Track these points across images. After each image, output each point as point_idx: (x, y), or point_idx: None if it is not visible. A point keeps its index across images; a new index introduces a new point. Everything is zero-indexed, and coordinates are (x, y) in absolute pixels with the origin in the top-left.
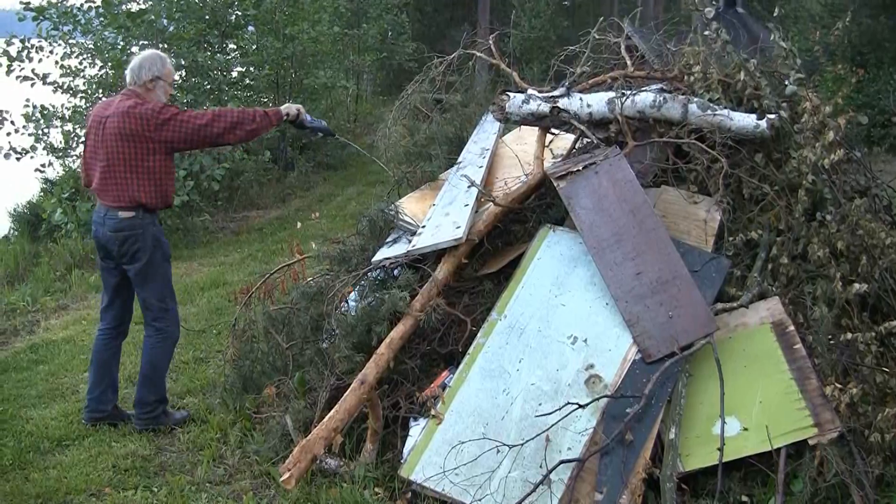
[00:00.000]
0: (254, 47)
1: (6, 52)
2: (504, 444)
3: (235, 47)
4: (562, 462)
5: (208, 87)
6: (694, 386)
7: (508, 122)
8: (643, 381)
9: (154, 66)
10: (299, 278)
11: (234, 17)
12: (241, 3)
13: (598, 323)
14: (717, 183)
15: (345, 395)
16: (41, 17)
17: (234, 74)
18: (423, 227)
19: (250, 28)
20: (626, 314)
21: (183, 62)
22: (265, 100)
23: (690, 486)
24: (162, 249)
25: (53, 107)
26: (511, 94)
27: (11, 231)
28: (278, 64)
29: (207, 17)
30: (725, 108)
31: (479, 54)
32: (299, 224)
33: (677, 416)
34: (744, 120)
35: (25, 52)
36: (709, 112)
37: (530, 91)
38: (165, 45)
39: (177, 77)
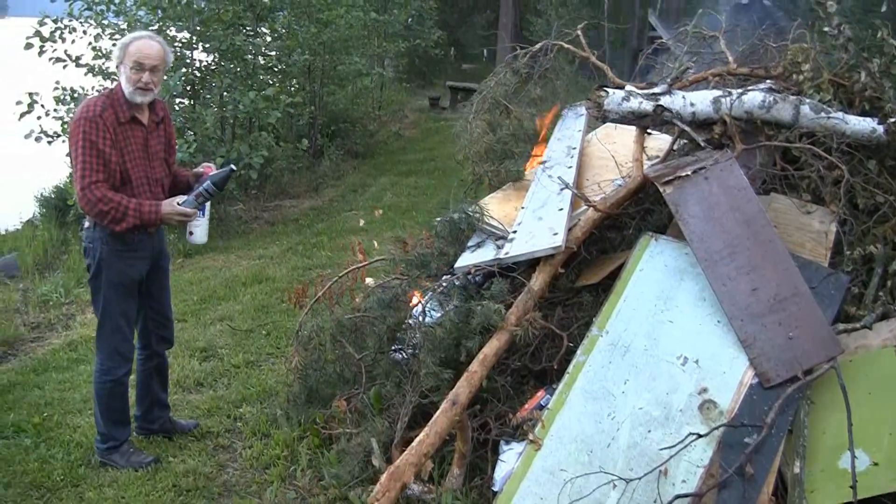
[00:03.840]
0: (284, 31)
1: (38, 33)
2: (619, 478)
3: (268, 31)
4: (678, 497)
5: (239, 71)
6: (814, 414)
7: (606, 120)
8: (763, 407)
9: (116, 52)
10: (357, 280)
11: None
12: None
13: (710, 342)
14: (837, 192)
15: (435, 416)
16: None
17: (263, 59)
18: (515, 232)
19: (281, 12)
20: (741, 334)
21: (220, 45)
22: (297, 85)
23: None
24: (109, 273)
25: (84, 89)
26: (609, 91)
27: (36, 215)
28: (313, 49)
29: None
30: (839, 110)
31: (567, 46)
32: (362, 221)
33: (801, 448)
34: (859, 124)
35: (58, 32)
36: (822, 115)
37: (629, 87)
38: (199, 28)
39: (206, 58)
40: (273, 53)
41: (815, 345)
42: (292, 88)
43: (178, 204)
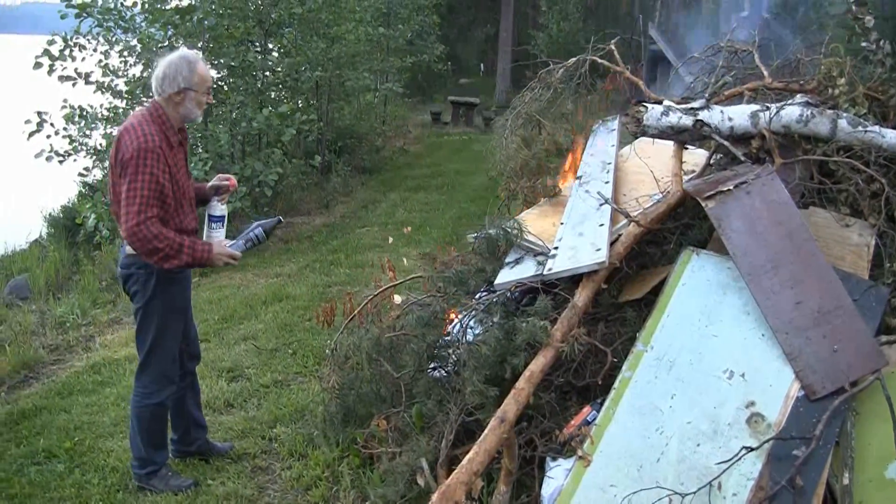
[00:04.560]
0: (292, 47)
1: (47, 52)
2: (673, 492)
3: (278, 47)
4: None
5: (250, 88)
6: (859, 426)
7: (645, 135)
8: (809, 420)
9: (179, 76)
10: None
11: (276, 15)
12: (284, 0)
13: (755, 356)
14: (875, 204)
15: (483, 434)
16: (84, 14)
17: (273, 76)
18: (556, 248)
19: (289, 28)
20: (785, 347)
21: (232, 62)
22: (305, 102)
23: None
24: (164, 298)
25: (92, 107)
26: (648, 106)
27: (43, 235)
28: (322, 65)
29: (251, 15)
30: (874, 124)
31: (601, 61)
32: (391, 239)
33: (850, 459)
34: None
35: (68, 50)
36: (859, 129)
37: (667, 102)
38: (210, 45)
39: (215, 75)
40: (280, 70)
41: (860, 357)
42: (300, 105)
43: (227, 247)
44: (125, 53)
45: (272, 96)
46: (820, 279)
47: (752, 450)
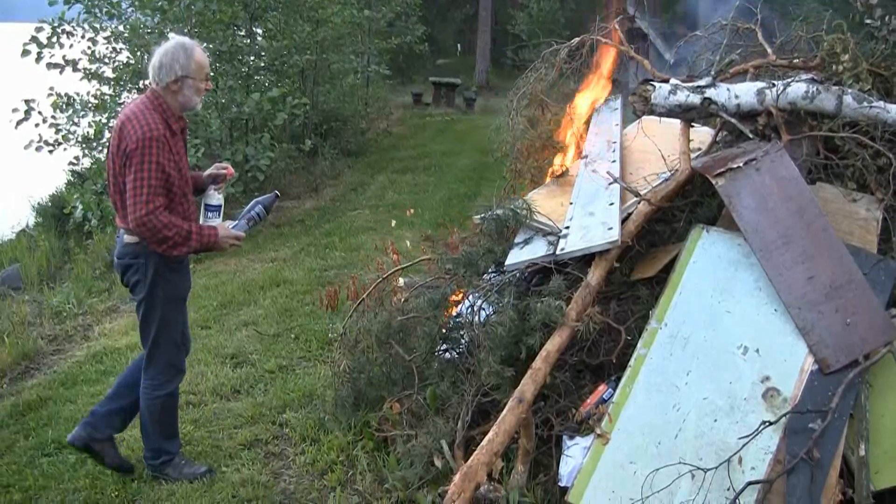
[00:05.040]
0: (278, 31)
1: (35, 39)
2: (696, 467)
3: (263, 30)
4: (749, 483)
5: (236, 72)
6: (873, 398)
7: (653, 113)
8: (825, 393)
9: (176, 64)
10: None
11: None
12: None
13: (769, 331)
14: (882, 179)
15: (502, 414)
16: (73, 1)
17: (260, 60)
18: (567, 228)
19: (275, 11)
20: (799, 322)
21: (220, 46)
22: (292, 86)
23: None
24: (166, 287)
25: (79, 95)
26: (656, 84)
27: (30, 224)
28: (309, 48)
29: None
30: (880, 99)
31: (605, 40)
32: (394, 222)
33: (865, 431)
34: None
35: (56, 37)
36: (865, 104)
37: (673, 81)
38: (196, 30)
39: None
40: (264, 55)
41: (873, 330)
42: (286, 88)
43: (230, 228)
44: (112, 40)
45: (261, 81)
46: (831, 254)
47: (770, 424)
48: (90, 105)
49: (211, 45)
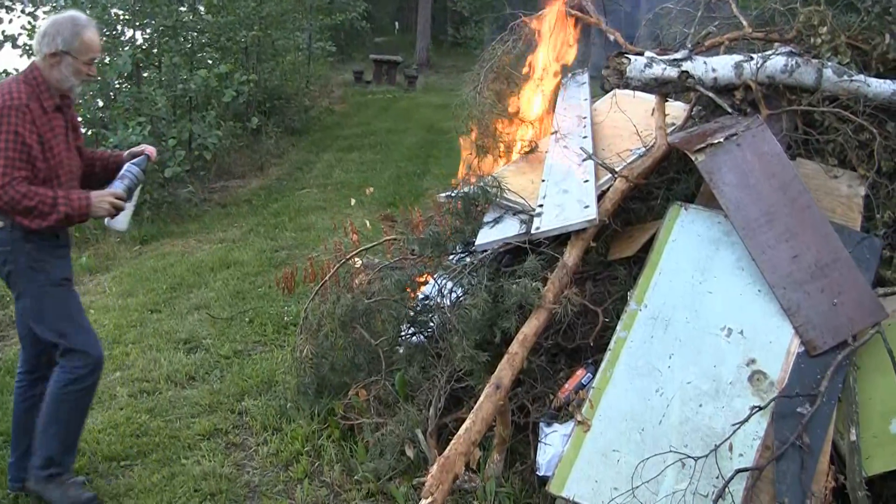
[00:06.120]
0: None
1: None
2: (686, 455)
3: (204, 6)
4: (738, 471)
5: (180, 49)
6: (861, 380)
7: (628, 87)
8: (814, 376)
9: (59, 37)
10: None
11: None
12: None
13: (753, 312)
14: (864, 155)
15: (479, 401)
16: None
17: (203, 37)
18: (541, 206)
19: None
20: (784, 302)
21: (165, 21)
22: (236, 62)
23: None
24: (49, 270)
25: (18, 71)
26: (631, 58)
27: None
28: (253, 24)
29: None
30: (859, 73)
31: (574, 12)
32: (353, 201)
33: (855, 415)
34: (881, 86)
35: None
36: (845, 78)
37: (648, 54)
38: (139, 5)
39: (140, 40)
40: (207, 32)
41: (860, 310)
42: (231, 65)
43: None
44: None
45: (202, 57)
46: (816, 232)
47: (760, 409)
48: None
49: (154, 21)
